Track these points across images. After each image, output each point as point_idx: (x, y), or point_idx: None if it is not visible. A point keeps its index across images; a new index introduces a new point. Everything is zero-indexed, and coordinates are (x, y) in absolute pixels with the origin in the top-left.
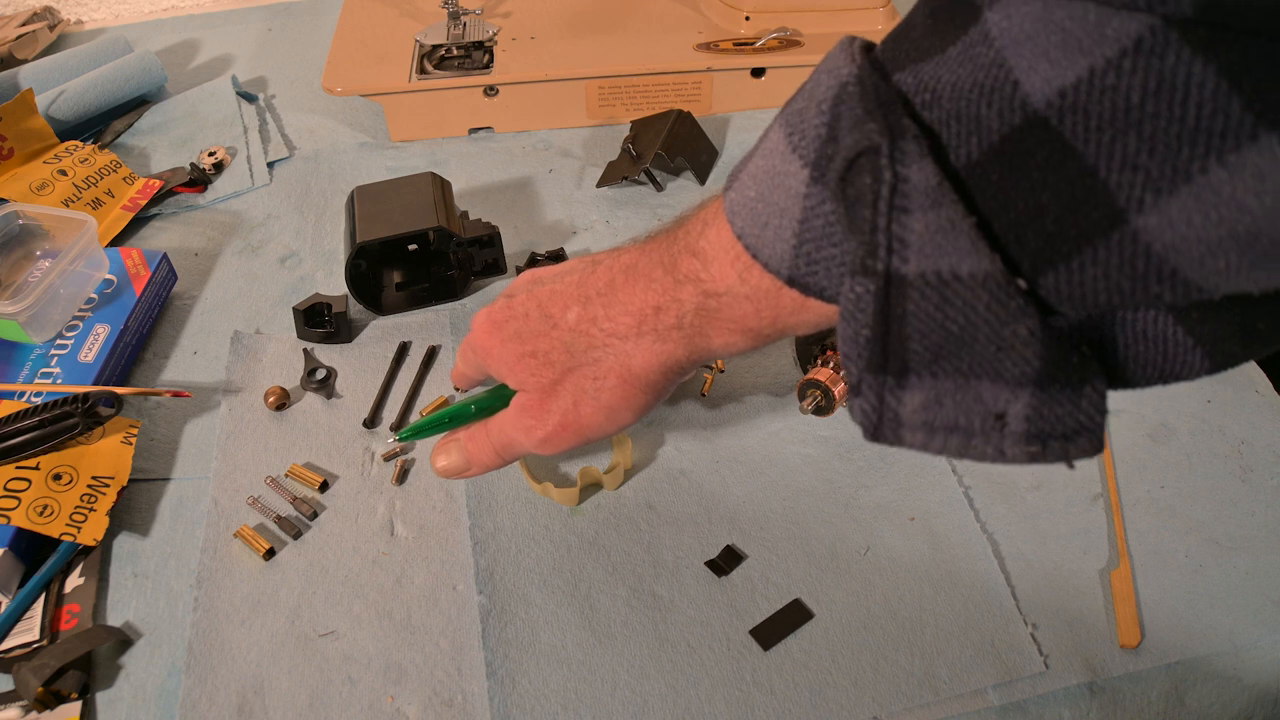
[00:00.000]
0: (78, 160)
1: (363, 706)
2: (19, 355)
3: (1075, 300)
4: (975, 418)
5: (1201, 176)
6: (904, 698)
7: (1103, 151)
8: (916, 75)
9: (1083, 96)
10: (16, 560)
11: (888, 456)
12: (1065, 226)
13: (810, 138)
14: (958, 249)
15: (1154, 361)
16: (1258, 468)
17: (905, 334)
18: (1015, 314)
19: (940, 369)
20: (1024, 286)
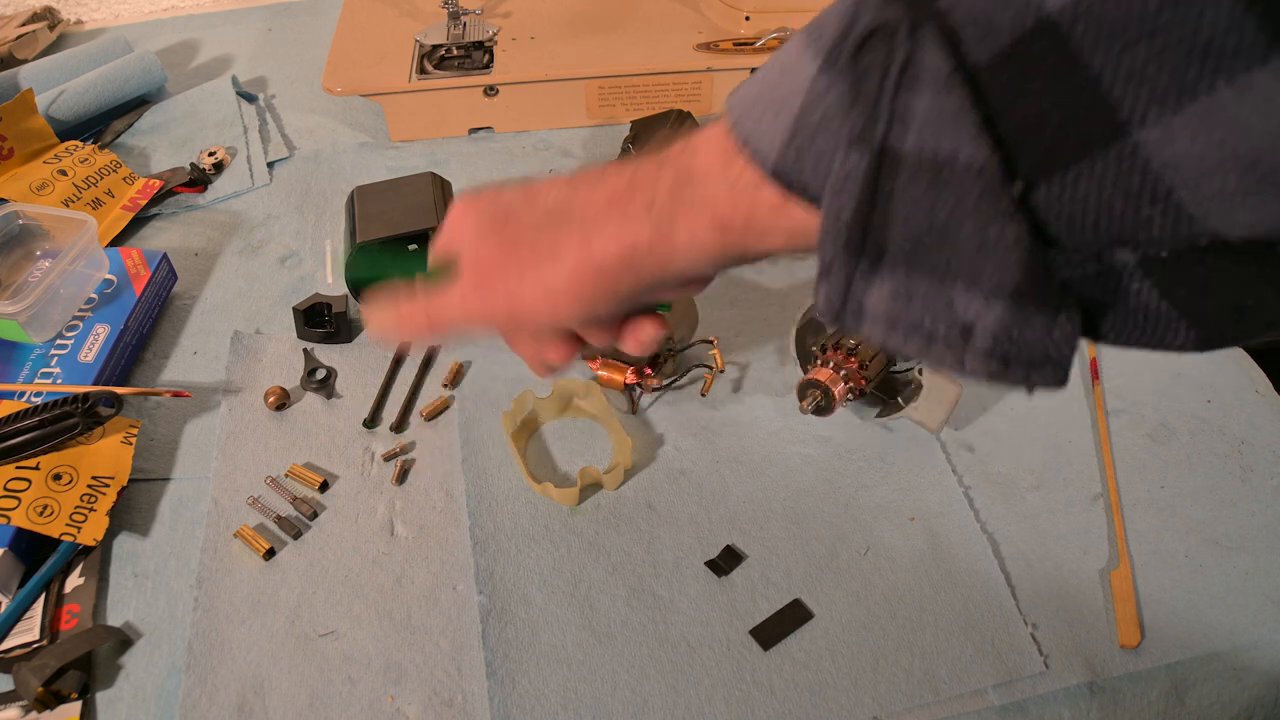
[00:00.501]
0: (78, 160)
1: (363, 706)
2: (19, 355)
3: (1064, 218)
4: (941, 323)
5: (1208, 95)
6: (904, 698)
7: (1110, 61)
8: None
9: (1098, 1)
10: (16, 560)
11: (888, 456)
12: (1066, 135)
13: (828, 34)
14: (959, 134)
15: (1137, 323)
16: (1258, 468)
17: (889, 216)
18: (1004, 214)
19: (917, 262)
20: (1020, 189)
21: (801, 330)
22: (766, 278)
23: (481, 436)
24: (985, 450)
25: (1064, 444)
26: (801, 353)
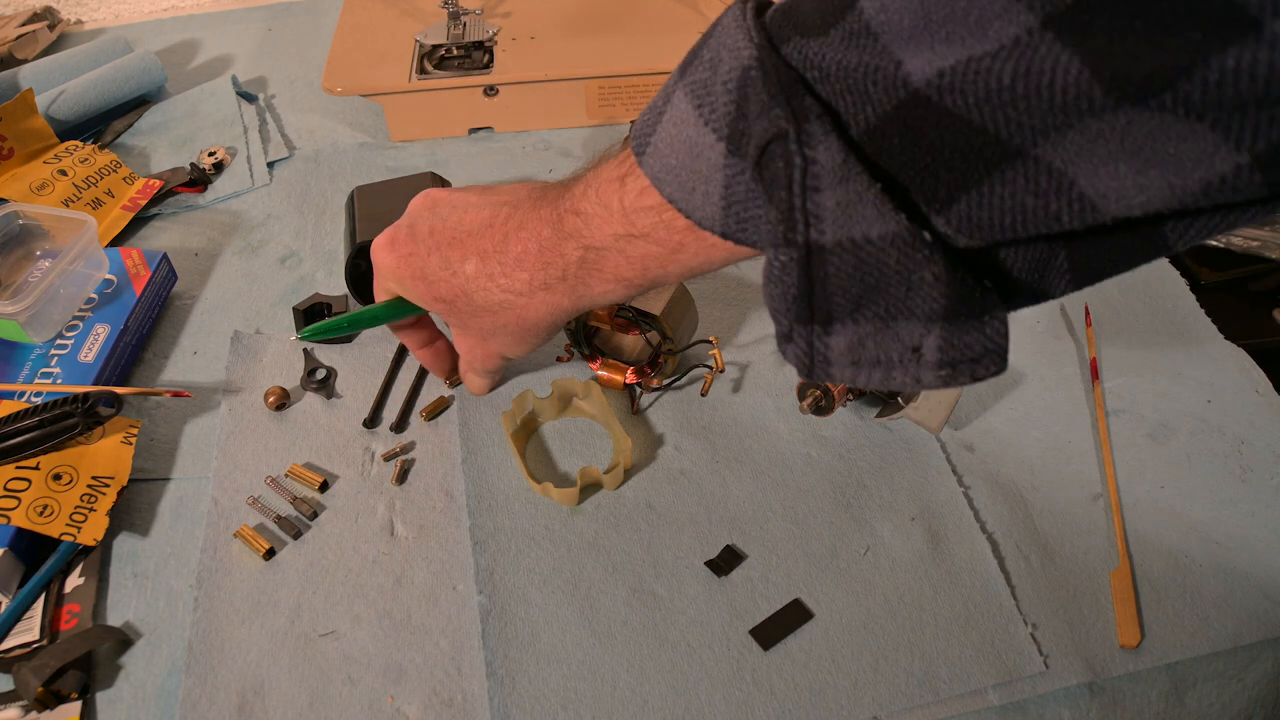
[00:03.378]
0: (78, 160)
1: (363, 706)
2: (19, 355)
3: (982, 226)
4: (894, 352)
5: (1080, 125)
6: (904, 698)
7: (987, 117)
8: (803, 52)
9: (959, 78)
10: (16, 560)
11: (888, 456)
12: (971, 163)
13: (720, 114)
14: (866, 216)
15: (1031, 286)
16: (1258, 468)
17: (828, 290)
18: (921, 263)
19: (861, 315)
20: (929, 238)
21: None
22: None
23: (481, 436)
24: (985, 450)
25: (1064, 444)
26: None
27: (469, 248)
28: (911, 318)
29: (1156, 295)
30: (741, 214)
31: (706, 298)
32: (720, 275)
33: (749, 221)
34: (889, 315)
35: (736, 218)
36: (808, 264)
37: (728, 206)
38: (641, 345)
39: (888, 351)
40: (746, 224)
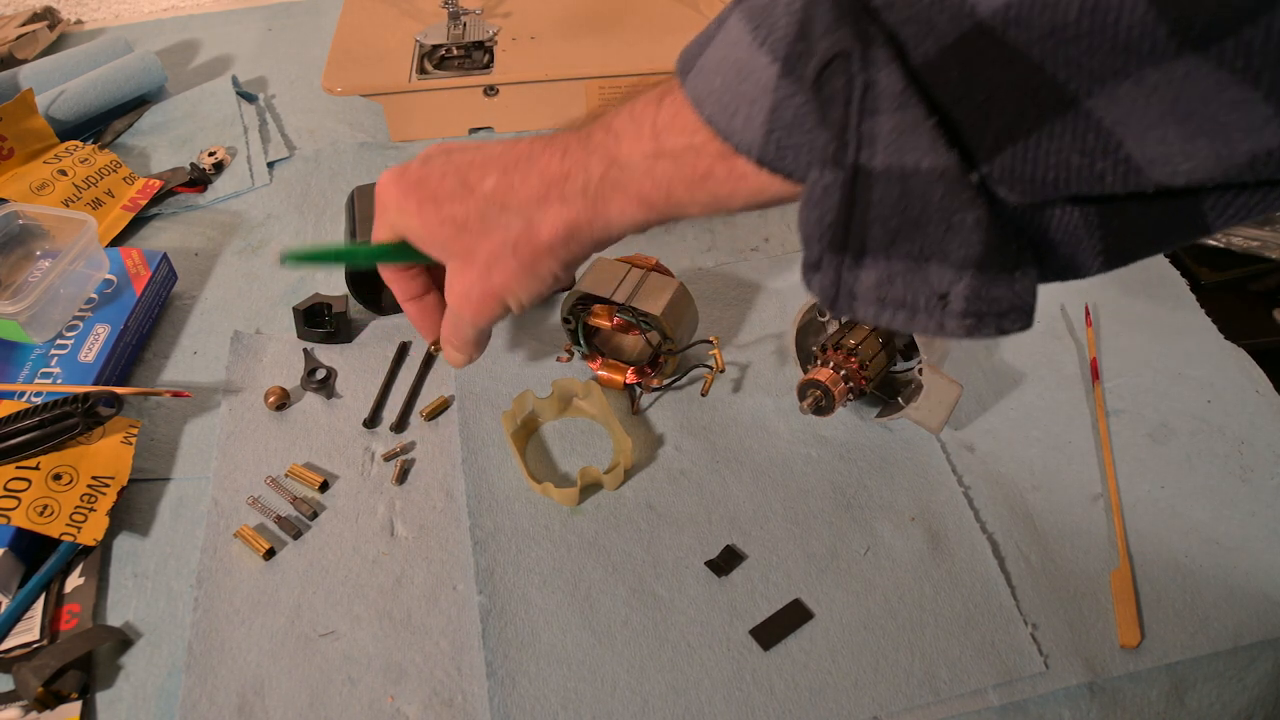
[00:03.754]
0: (78, 160)
1: (363, 706)
2: (19, 355)
3: (1026, 180)
4: (921, 296)
5: (1138, 75)
6: (904, 698)
7: (1048, 55)
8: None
9: (1026, 9)
10: (16, 560)
11: (888, 456)
12: (1023, 109)
13: (779, 36)
14: (919, 146)
15: (1063, 258)
16: (1258, 468)
17: (867, 219)
18: (965, 204)
19: (894, 250)
20: (975, 180)
21: (801, 330)
22: (767, 278)
23: (481, 436)
24: (985, 450)
25: (1064, 444)
26: (801, 353)
27: (490, 167)
28: (944, 261)
29: (1156, 295)
30: (783, 140)
31: (706, 298)
32: (720, 275)
33: (790, 148)
34: (922, 255)
35: (777, 143)
36: (852, 188)
37: (770, 131)
38: (641, 345)
39: (915, 293)
40: (787, 151)
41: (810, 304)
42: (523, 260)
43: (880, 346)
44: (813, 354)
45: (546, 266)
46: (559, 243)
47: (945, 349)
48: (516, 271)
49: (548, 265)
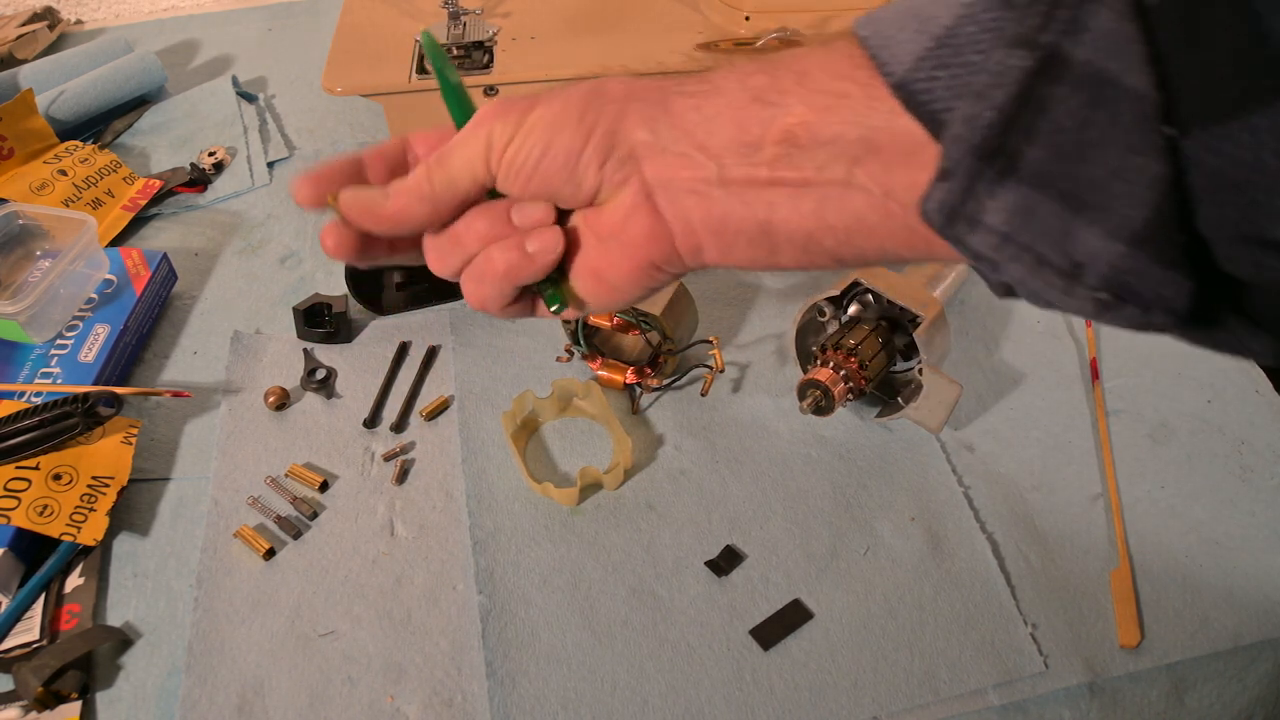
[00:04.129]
0: (78, 160)
1: (363, 706)
2: (19, 355)
3: (1211, 171)
4: (1055, 250)
5: None
6: (904, 698)
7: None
8: None
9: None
10: (16, 560)
11: (888, 456)
12: (1231, 87)
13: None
14: (1128, 58)
15: (1226, 302)
16: (1258, 468)
17: (1034, 126)
18: (1152, 148)
19: (1046, 181)
20: (1172, 132)
21: (801, 330)
22: (767, 278)
23: (481, 436)
24: (985, 450)
25: (1064, 444)
26: (801, 353)
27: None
28: (1096, 221)
29: None
30: (948, 58)
31: (706, 298)
32: (720, 275)
33: (949, 70)
34: (1077, 200)
35: (936, 61)
36: (1035, 77)
37: (936, 48)
38: (641, 345)
39: (1050, 244)
40: (942, 73)
41: (810, 304)
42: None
43: (880, 346)
44: (813, 354)
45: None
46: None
47: (945, 349)
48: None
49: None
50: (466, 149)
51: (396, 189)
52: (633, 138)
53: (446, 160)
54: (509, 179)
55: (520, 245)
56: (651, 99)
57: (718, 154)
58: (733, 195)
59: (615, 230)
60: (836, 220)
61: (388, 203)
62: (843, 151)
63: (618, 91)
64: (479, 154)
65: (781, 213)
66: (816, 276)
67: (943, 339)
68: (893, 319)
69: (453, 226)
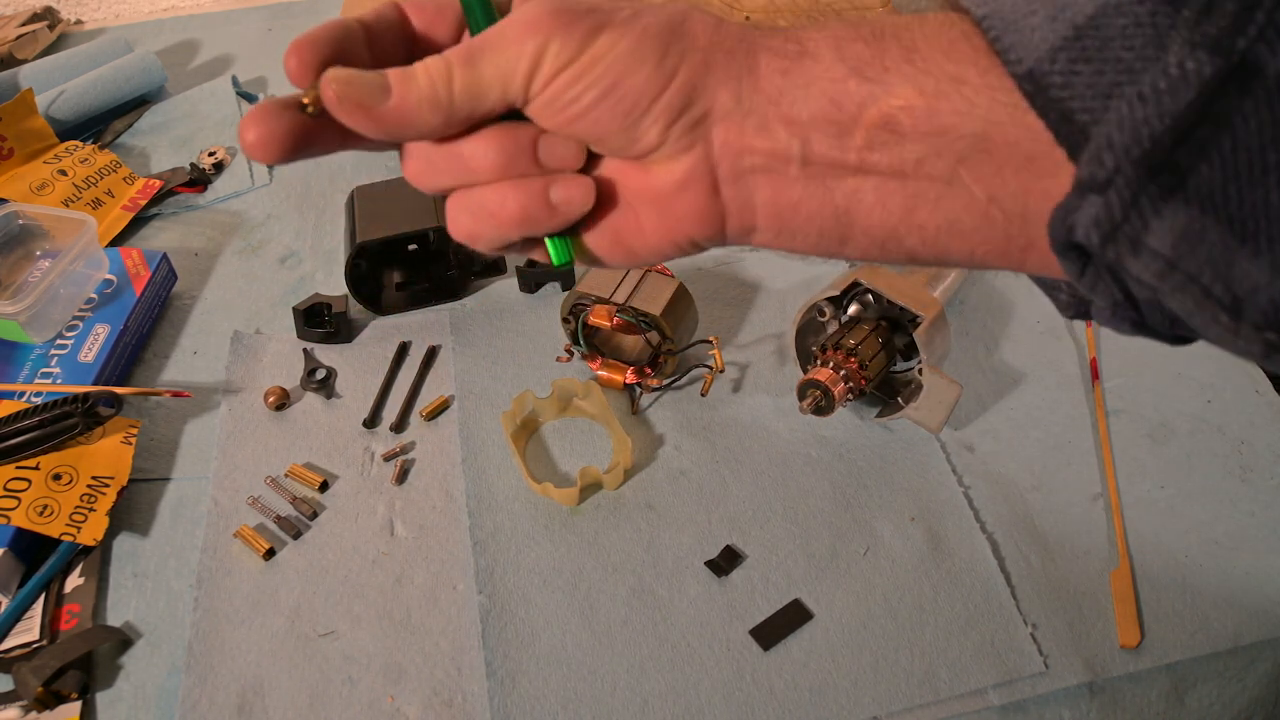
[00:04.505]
0: (78, 160)
1: (363, 706)
2: (19, 355)
3: None
4: (1218, 282)
5: None
6: (904, 698)
7: None
8: None
9: None
10: (16, 560)
11: (888, 456)
12: None
13: None
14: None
15: None
16: (1258, 468)
17: (1211, 140)
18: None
19: (1216, 203)
20: None
21: (801, 330)
22: (766, 278)
23: (481, 436)
24: (985, 450)
25: (1064, 444)
26: (801, 353)
27: None
28: (1262, 252)
29: None
30: (1091, 51)
31: (706, 298)
32: (720, 275)
33: (1092, 65)
34: (1242, 228)
35: (1078, 53)
36: (1220, 86)
37: (1075, 38)
38: (641, 345)
39: (1213, 275)
40: (1083, 68)
41: (810, 304)
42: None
43: (880, 346)
44: (813, 354)
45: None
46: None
47: (945, 349)
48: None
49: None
50: (505, 57)
51: (402, 84)
52: (714, 98)
53: (475, 64)
54: (550, 111)
55: (542, 192)
56: (739, 52)
57: (803, 129)
58: (811, 178)
59: (658, 198)
60: (928, 220)
61: (388, 100)
62: (949, 146)
63: (703, 35)
64: (522, 71)
65: (865, 204)
66: (816, 276)
67: (943, 339)
68: (893, 319)
69: (458, 143)
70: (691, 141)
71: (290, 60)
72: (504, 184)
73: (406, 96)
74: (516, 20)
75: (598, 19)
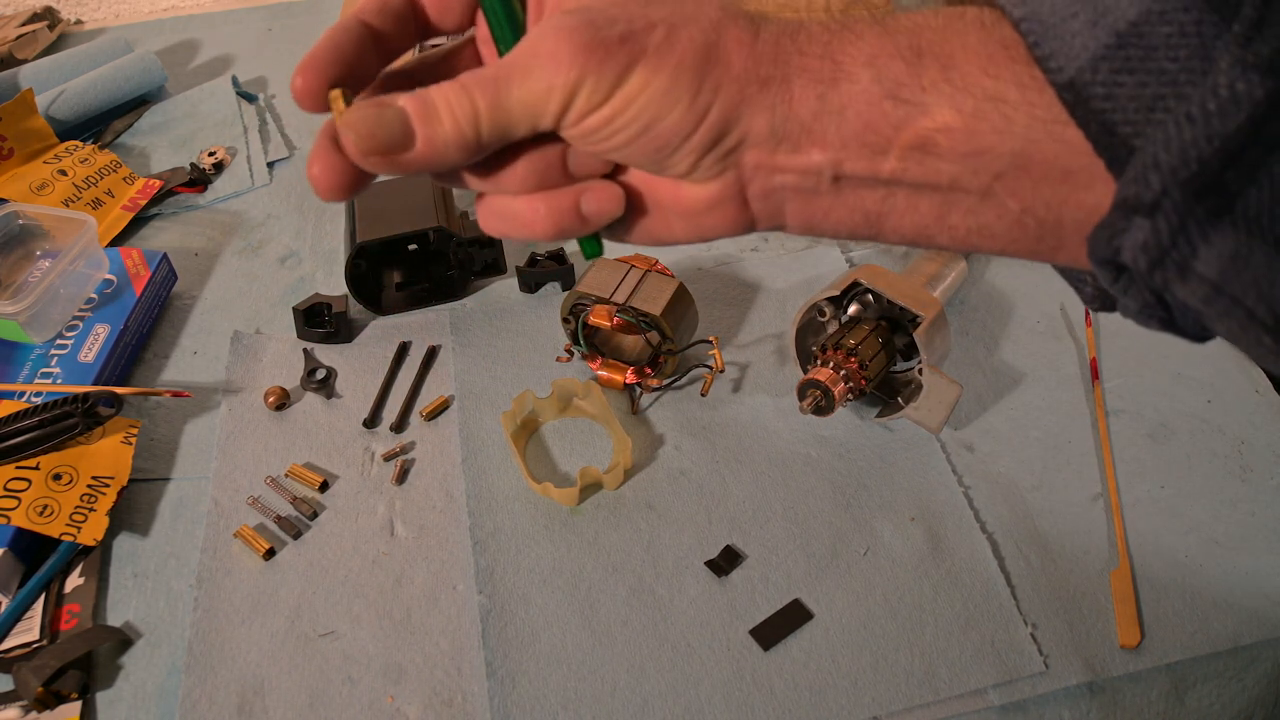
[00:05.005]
0: (78, 160)
1: (363, 706)
2: (19, 355)
3: None
4: (1263, 304)
5: None
6: (904, 698)
7: None
8: None
9: None
10: (16, 560)
11: (888, 456)
12: None
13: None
14: None
15: None
16: (1258, 468)
17: (1263, 165)
18: None
19: (1263, 228)
20: None
21: (801, 330)
22: (767, 278)
23: (481, 436)
24: (985, 450)
25: (1064, 444)
26: (801, 353)
27: None
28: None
29: None
30: (1135, 60)
31: (707, 298)
32: (720, 275)
33: (1136, 75)
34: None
35: (1121, 62)
36: (1271, 110)
37: (1117, 46)
38: (641, 345)
39: (1258, 297)
40: (1127, 78)
41: (810, 304)
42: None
43: (880, 346)
44: (813, 354)
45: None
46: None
47: (945, 349)
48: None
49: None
50: (534, 94)
51: (426, 127)
52: (748, 127)
53: (503, 103)
54: (581, 142)
55: (573, 204)
56: (774, 80)
57: (836, 151)
58: (843, 192)
59: (688, 211)
60: (959, 223)
61: (412, 147)
62: (986, 166)
63: (738, 60)
64: (552, 111)
65: (897, 209)
66: (816, 276)
67: (943, 339)
68: (893, 319)
69: (490, 161)
70: (723, 168)
71: (296, 85)
72: (535, 196)
73: (432, 141)
74: (545, 51)
75: (631, 52)
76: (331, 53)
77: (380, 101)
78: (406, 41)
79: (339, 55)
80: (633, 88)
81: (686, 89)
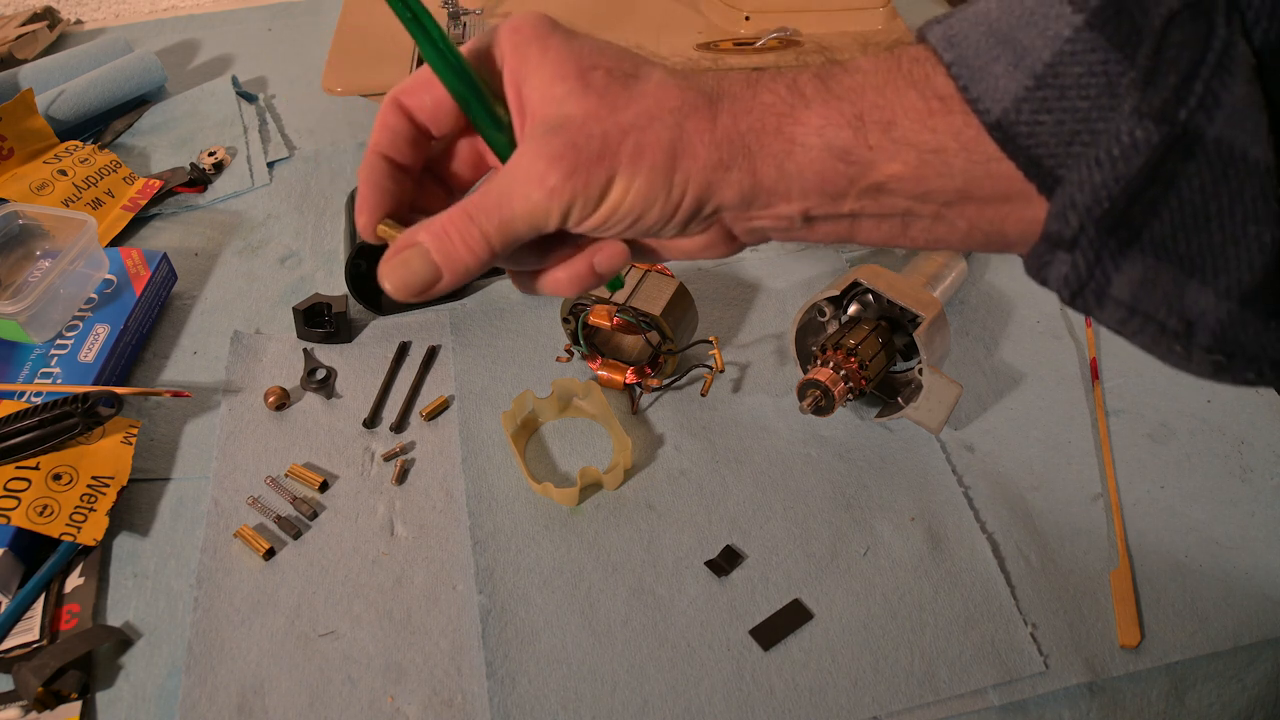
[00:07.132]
0: (78, 160)
1: (363, 706)
2: (19, 355)
3: None
4: (1173, 316)
5: None
6: (904, 698)
7: None
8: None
9: None
10: (16, 560)
11: (888, 457)
12: None
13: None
14: (1254, 131)
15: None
16: (1258, 468)
17: (1161, 199)
18: (1267, 216)
19: (1166, 250)
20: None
21: (801, 330)
22: (766, 278)
23: (481, 436)
24: (985, 450)
25: (1064, 444)
26: (801, 353)
27: None
28: (1207, 282)
29: None
30: (1052, 101)
31: (707, 298)
32: (720, 275)
33: (1053, 115)
34: (1192, 265)
35: (1039, 104)
36: (1166, 153)
37: (1036, 88)
38: (641, 345)
39: (1168, 310)
40: (1045, 117)
41: (810, 304)
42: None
43: (880, 346)
44: (812, 354)
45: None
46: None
47: (945, 349)
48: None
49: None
50: (533, 214)
51: (449, 264)
52: (720, 200)
53: (508, 222)
54: (583, 233)
55: (587, 267)
56: (737, 162)
57: (800, 201)
58: (815, 225)
59: (683, 252)
60: (918, 236)
61: (440, 282)
62: (934, 198)
63: (702, 150)
64: (553, 222)
65: (863, 229)
66: (816, 276)
67: (943, 339)
68: (893, 319)
69: None
70: (705, 227)
71: (360, 224)
72: (557, 269)
73: (454, 270)
74: (537, 176)
75: (609, 166)
76: (374, 193)
77: (404, 243)
78: (420, 156)
79: (378, 190)
80: (616, 197)
81: (661, 187)
